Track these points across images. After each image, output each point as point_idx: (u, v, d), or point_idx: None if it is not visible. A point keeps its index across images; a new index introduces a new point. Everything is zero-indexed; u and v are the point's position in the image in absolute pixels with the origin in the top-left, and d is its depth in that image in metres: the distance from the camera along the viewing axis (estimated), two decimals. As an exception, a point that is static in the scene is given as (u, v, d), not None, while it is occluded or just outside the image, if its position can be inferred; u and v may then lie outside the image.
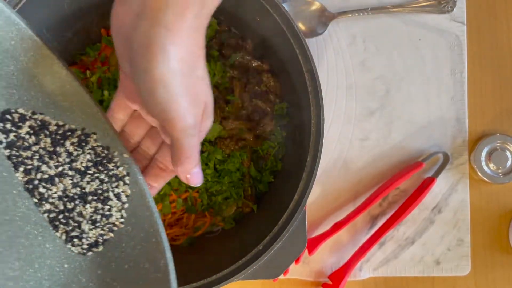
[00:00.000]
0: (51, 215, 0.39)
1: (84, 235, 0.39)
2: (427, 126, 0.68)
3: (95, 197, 0.39)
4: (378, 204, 0.67)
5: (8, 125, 0.38)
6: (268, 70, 0.62)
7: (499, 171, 0.66)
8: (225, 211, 0.62)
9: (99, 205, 0.39)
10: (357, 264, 0.66)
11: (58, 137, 0.39)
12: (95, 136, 0.40)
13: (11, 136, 0.38)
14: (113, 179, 0.40)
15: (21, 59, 0.38)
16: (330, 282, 0.65)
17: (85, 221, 0.39)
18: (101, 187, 0.39)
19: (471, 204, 0.68)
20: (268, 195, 0.62)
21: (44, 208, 0.39)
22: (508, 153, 0.66)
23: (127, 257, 0.39)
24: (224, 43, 0.62)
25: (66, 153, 0.39)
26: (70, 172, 0.39)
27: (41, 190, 0.38)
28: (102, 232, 0.40)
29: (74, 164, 0.39)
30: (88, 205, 0.39)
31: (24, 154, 0.38)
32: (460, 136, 0.68)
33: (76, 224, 0.39)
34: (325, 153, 0.66)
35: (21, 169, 0.38)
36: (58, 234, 0.39)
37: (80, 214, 0.39)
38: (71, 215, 0.39)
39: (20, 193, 0.38)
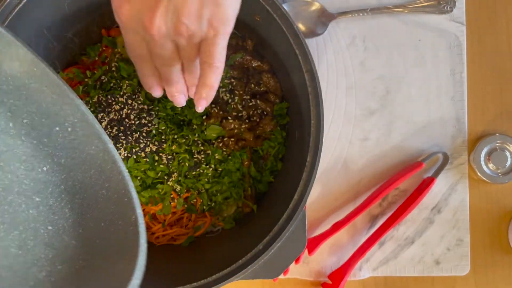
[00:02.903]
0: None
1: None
2: (427, 126, 0.68)
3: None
4: (378, 204, 0.67)
5: None
6: (268, 70, 0.62)
7: (499, 171, 0.67)
8: (225, 211, 0.62)
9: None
10: (357, 264, 0.66)
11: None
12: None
13: None
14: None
15: None
16: (330, 282, 0.65)
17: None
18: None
19: (470, 204, 0.68)
20: (268, 195, 0.63)
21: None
22: (507, 153, 0.66)
23: (103, 216, 0.44)
24: (224, 43, 0.62)
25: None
26: None
27: None
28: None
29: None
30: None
31: None
32: (460, 136, 0.68)
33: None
34: (325, 153, 0.66)
35: None
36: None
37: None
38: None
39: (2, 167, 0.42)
